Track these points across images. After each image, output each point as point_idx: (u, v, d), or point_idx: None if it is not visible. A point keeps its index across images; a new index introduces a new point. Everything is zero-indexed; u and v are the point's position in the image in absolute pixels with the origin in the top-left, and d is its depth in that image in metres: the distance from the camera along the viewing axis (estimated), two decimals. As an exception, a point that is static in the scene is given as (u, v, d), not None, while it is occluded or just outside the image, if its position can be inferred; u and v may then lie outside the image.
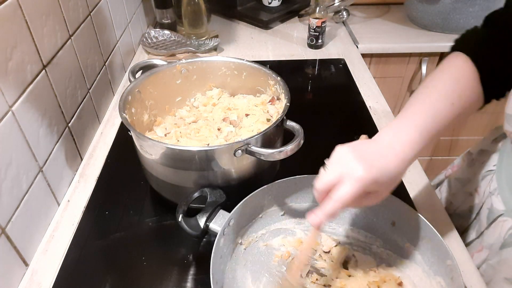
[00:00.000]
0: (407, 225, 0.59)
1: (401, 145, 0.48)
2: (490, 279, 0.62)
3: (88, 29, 0.87)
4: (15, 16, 0.60)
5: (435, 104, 0.51)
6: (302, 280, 0.57)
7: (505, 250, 0.60)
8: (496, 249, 0.62)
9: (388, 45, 1.30)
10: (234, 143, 0.59)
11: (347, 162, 0.47)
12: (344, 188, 0.46)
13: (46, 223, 0.69)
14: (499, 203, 0.63)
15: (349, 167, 0.46)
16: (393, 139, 0.49)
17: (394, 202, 0.59)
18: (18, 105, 0.60)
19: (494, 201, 0.64)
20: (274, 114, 0.75)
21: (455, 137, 1.57)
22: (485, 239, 0.65)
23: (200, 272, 0.61)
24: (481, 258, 0.65)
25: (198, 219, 0.59)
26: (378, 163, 0.47)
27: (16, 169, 0.59)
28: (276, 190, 0.63)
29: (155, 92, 0.76)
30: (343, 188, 0.46)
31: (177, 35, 1.23)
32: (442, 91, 0.52)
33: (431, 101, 0.51)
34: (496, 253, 0.62)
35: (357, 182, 0.45)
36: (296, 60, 1.20)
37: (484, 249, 0.65)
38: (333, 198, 0.46)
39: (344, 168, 0.47)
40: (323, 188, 0.47)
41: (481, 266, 0.64)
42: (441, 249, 0.53)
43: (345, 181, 0.46)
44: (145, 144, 0.63)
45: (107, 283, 0.60)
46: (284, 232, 0.64)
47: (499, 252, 0.61)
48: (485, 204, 0.67)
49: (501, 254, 0.61)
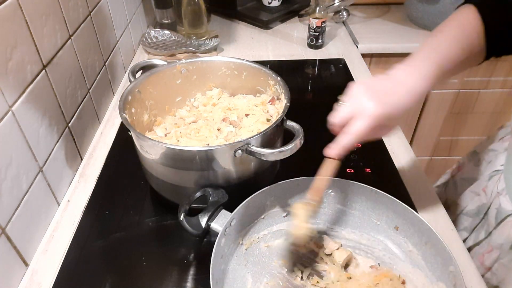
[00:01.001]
0: (410, 229, 0.58)
1: (414, 80, 0.51)
2: (503, 278, 0.62)
3: (88, 29, 0.87)
4: (15, 16, 0.60)
5: (445, 45, 0.54)
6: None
7: None
8: (507, 248, 0.62)
9: (388, 45, 1.30)
10: (234, 143, 0.59)
11: (360, 99, 0.51)
12: (357, 124, 0.50)
13: (46, 223, 0.69)
14: (507, 203, 0.63)
15: (362, 104, 0.50)
16: (406, 75, 0.52)
17: (398, 206, 0.59)
18: (18, 105, 0.60)
19: (502, 201, 0.64)
20: (274, 114, 0.75)
21: (455, 137, 1.57)
22: (494, 239, 0.65)
23: (200, 272, 0.61)
24: (492, 258, 0.65)
25: (200, 219, 0.59)
26: (390, 99, 0.50)
27: (16, 169, 0.59)
28: (278, 191, 0.63)
29: (155, 92, 0.76)
30: (357, 124, 0.50)
31: (177, 35, 1.23)
32: (451, 35, 0.55)
33: (441, 43, 0.54)
34: (507, 253, 0.62)
35: (369, 118, 0.49)
36: (296, 60, 1.20)
37: (494, 249, 0.65)
38: (347, 132, 0.51)
39: (358, 105, 0.51)
40: (338, 123, 0.52)
41: (493, 266, 0.64)
42: (444, 255, 0.53)
43: (359, 117, 0.50)
44: (145, 144, 0.63)
45: (107, 283, 0.60)
46: (286, 233, 0.64)
47: (510, 251, 0.61)
48: (493, 204, 0.67)
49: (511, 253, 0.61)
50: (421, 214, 0.58)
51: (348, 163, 0.79)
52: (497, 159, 0.70)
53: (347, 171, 0.77)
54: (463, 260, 0.62)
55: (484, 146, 0.77)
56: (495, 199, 0.66)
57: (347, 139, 0.51)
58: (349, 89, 0.53)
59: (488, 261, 0.65)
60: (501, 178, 0.67)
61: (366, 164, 0.79)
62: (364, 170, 0.78)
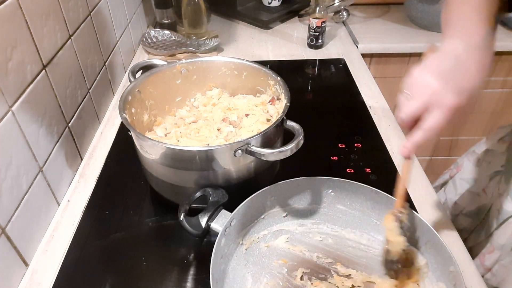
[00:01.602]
0: (410, 229, 0.58)
1: (481, 48, 0.45)
2: (503, 279, 0.62)
3: (88, 29, 0.87)
4: (15, 16, 0.60)
5: (482, 2, 0.47)
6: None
7: None
8: (508, 249, 0.62)
9: (388, 45, 1.30)
10: (234, 143, 0.59)
11: (433, 89, 0.44)
12: (435, 117, 0.44)
13: (46, 223, 0.69)
14: (509, 204, 0.63)
15: (437, 94, 0.44)
16: (469, 45, 0.45)
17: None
18: (18, 105, 0.60)
19: (504, 202, 0.64)
20: (274, 114, 0.75)
21: (455, 137, 1.57)
22: (495, 239, 0.65)
23: (200, 272, 0.61)
24: (493, 258, 0.65)
25: (200, 219, 0.59)
26: (465, 83, 0.44)
27: (16, 169, 0.59)
28: (278, 191, 0.63)
29: (155, 92, 0.76)
30: (434, 117, 0.44)
31: (177, 35, 1.23)
32: None
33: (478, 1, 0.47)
34: (508, 254, 0.62)
35: (449, 111, 0.43)
36: (296, 60, 1.20)
37: (495, 250, 0.64)
38: (424, 128, 0.45)
39: (431, 96, 0.44)
40: (410, 117, 0.46)
41: (494, 266, 0.64)
42: (444, 255, 0.53)
43: (435, 109, 0.43)
44: (145, 144, 0.63)
45: (107, 283, 0.60)
46: (286, 233, 0.64)
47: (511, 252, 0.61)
48: (494, 205, 0.67)
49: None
50: (421, 214, 0.57)
51: (348, 163, 0.79)
52: (497, 160, 0.70)
53: (347, 171, 0.78)
54: (463, 260, 0.62)
55: (482, 147, 0.77)
56: (496, 200, 0.66)
57: (423, 136, 0.45)
58: (414, 77, 0.46)
59: (489, 262, 0.65)
60: (502, 179, 0.66)
61: (366, 164, 0.79)
62: (364, 170, 0.78)
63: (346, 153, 0.82)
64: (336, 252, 0.62)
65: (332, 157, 0.81)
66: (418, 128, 0.46)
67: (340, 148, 0.83)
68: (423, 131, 0.45)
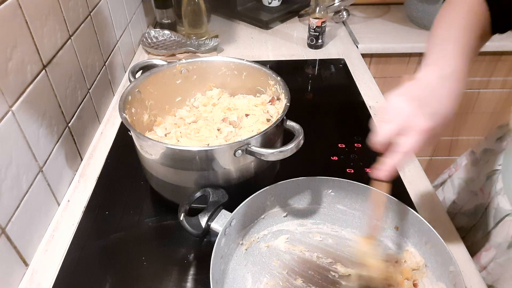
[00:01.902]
0: (410, 229, 0.58)
1: (451, 79, 0.48)
2: (498, 278, 0.62)
3: (88, 29, 0.87)
4: (15, 16, 0.60)
5: (461, 34, 0.51)
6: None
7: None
8: (504, 248, 0.62)
9: (388, 45, 1.30)
10: (234, 143, 0.59)
11: (407, 114, 0.47)
12: (409, 140, 0.46)
13: (46, 223, 0.69)
14: (506, 203, 0.63)
15: (411, 118, 0.46)
16: (441, 75, 0.48)
17: (398, 206, 0.59)
18: (18, 105, 0.60)
19: (500, 200, 0.64)
20: (274, 114, 0.75)
21: (455, 137, 1.57)
22: (492, 238, 0.65)
23: (200, 272, 0.61)
24: (489, 256, 0.65)
25: (200, 219, 0.59)
26: (437, 108, 0.47)
27: (16, 169, 0.59)
28: (278, 191, 0.63)
29: (155, 92, 0.76)
30: (408, 140, 0.46)
31: (177, 35, 1.23)
32: (462, 23, 0.52)
33: (456, 32, 0.52)
34: (503, 252, 0.62)
35: (422, 134, 0.46)
36: (296, 60, 1.20)
37: (492, 248, 0.65)
38: (399, 151, 0.47)
39: (405, 120, 0.47)
40: (385, 140, 0.48)
41: (489, 265, 0.64)
42: (444, 255, 0.53)
43: (409, 133, 0.46)
44: (145, 144, 0.63)
45: (107, 283, 0.60)
46: (286, 233, 0.64)
47: (507, 251, 0.61)
48: (491, 203, 0.67)
49: (509, 253, 0.61)
50: (421, 214, 0.57)
51: (348, 163, 0.79)
52: (495, 159, 0.70)
53: (347, 171, 0.78)
54: (463, 260, 0.62)
55: (481, 146, 0.77)
56: (493, 198, 0.66)
57: (398, 158, 0.47)
58: (391, 102, 0.49)
59: (484, 260, 0.65)
60: (499, 178, 0.67)
61: (366, 164, 0.79)
62: (364, 170, 0.78)
63: (346, 153, 0.82)
64: (336, 252, 0.62)
65: (332, 157, 0.81)
66: (392, 151, 0.48)
67: (340, 148, 0.83)
68: (399, 154, 0.47)
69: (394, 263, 0.58)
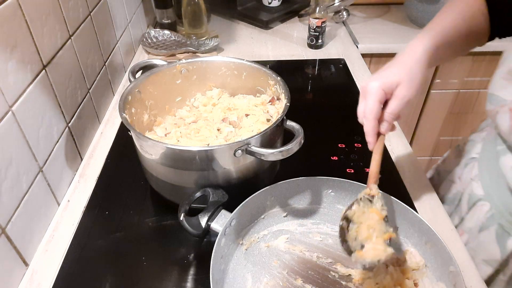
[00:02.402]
0: (410, 229, 0.58)
1: (418, 58, 0.54)
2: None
3: (88, 29, 0.87)
4: (15, 16, 0.60)
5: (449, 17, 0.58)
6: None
7: (483, 233, 0.62)
8: (475, 232, 0.63)
9: (388, 45, 1.30)
10: (234, 143, 0.59)
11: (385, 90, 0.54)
12: (392, 106, 0.54)
13: (46, 223, 0.69)
14: (478, 188, 0.65)
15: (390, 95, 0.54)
16: (409, 50, 0.55)
17: (398, 206, 0.59)
18: (18, 105, 0.60)
19: (474, 186, 0.66)
20: (274, 114, 0.75)
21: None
22: (465, 223, 0.67)
23: (200, 272, 0.61)
24: (462, 242, 0.66)
25: (200, 219, 0.59)
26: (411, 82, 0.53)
27: (16, 169, 0.59)
28: (278, 191, 0.63)
29: (155, 92, 0.76)
30: (392, 105, 0.53)
31: (177, 35, 1.23)
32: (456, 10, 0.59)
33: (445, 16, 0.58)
34: (475, 237, 0.64)
35: (402, 100, 0.53)
36: (296, 60, 1.20)
37: (464, 233, 0.66)
38: (395, 97, 0.53)
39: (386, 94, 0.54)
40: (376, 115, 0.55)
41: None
42: (444, 255, 0.53)
43: (392, 100, 0.53)
44: (145, 144, 0.63)
45: (107, 283, 0.60)
46: (286, 233, 0.64)
47: (478, 235, 0.63)
48: (466, 190, 0.68)
49: (479, 237, 0.63)
50: (421, 214, 0.58)
51: (348, 163, 0.79)
52: (473, 148, 0.72)
53: (347, 171, 0.78)
54: (463, 260, 0.62)
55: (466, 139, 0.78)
56: (468, 185, 0.67)
57: (399, 104, 0.53)
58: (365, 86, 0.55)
59: None
60: (475, 165, 0.68)
61: (366, 164, 0.79)
62: (364, 170, 0.78)
63: (346, 153, 0.82)
64: (336, 252, 0.62)
65: (332, 157, 0.81)
66: (392, 98, 0.54)
67: (340, 148, 0.83)
68: (396, 100, 0.53)
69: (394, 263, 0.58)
